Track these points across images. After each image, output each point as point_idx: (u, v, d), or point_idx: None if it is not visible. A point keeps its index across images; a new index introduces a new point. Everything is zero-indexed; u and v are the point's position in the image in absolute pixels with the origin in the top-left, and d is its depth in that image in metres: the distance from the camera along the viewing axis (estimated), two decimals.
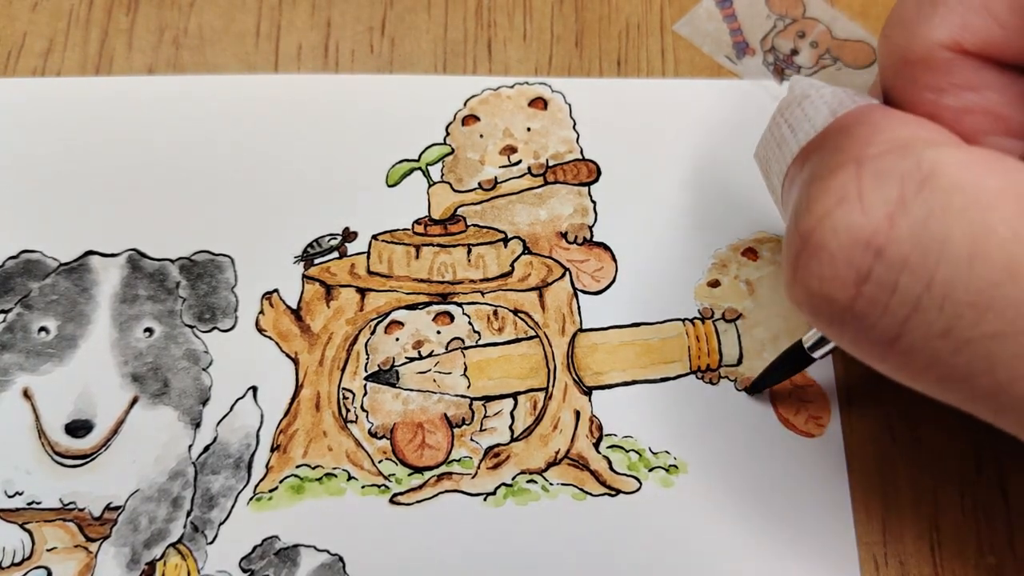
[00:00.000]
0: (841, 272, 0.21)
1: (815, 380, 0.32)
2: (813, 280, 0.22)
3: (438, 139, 0.35)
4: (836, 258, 0.21)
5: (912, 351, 0.21)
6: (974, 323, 0.20)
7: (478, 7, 0.37)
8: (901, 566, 0.29)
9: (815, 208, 0.21)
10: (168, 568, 0.29)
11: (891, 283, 0.20)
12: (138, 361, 0.31)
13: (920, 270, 0.20)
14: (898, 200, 0.20)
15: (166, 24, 0.37)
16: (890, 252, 0.20)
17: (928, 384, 0.22)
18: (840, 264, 0.21)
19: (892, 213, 0.20)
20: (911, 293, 0.20)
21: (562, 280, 0.33)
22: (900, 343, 0.21)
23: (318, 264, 0.33)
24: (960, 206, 0.20)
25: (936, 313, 0.20)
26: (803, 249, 0.22)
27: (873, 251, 0.20)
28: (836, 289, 0.21)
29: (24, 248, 0.33)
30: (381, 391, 0.31)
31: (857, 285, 0.21)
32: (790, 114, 0.26)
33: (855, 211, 0.21)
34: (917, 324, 0.20)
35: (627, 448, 0.31)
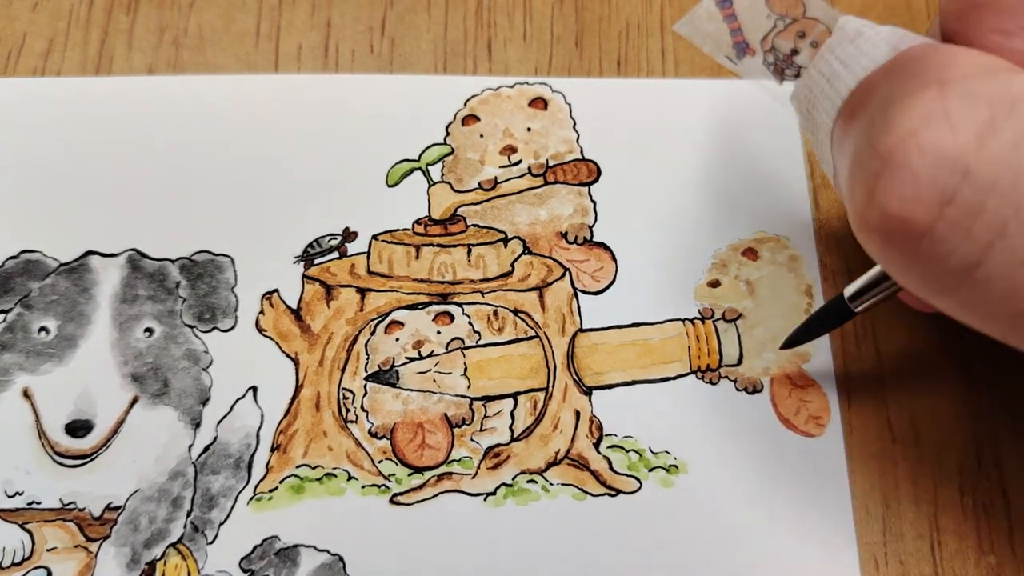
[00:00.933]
0: (925, 192, 0.20)
1: (815, 380, 0.32)
2: (893, 201, 0.21)
3: (438, 139, 0.35)
4: (920, 177, 0.20)
5: (990, 281, 0.20)
6: None
7: (478, 7, 0.37)
8: (901, 566, 0.29)
9: (897, 127, 0.21)
10: (168, 568, 0.29)
11: (977, 205, 0.20)
12: (138, 361, 0.31)
13: (1009, 192, 0.19)
14: (988, 121, 0.20)
15: (166, 24, 0.37)
16: (979, 173, 0.20)
17: (998, 319, 0.21)
18: (924, 183, 0.20)
19: (982, 134, 0.20)
20: (998, 217, 0.19)
21: (562, 280, 0.33)
22: (979, 271, 0.20)
23: (318, 264, 0.33)
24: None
25: (1021, 239, 0.19)
26: (884, 169, 0.21)
27: (961, 170, 0.20)
28: (918, 210, 0.20)
29: (24, 248, 0.33)
30: (381, 391, 0.31)
31: (941, 206, 0.20)
32: (842, 51, 0.25)
33: (943, 129, 0.20)
34: (1000, 250, 0.20)
35: (627, 448, 0.31)
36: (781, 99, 0.36)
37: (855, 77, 0.25)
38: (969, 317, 0.22)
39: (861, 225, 0.22)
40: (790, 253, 0.34)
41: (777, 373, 0.32)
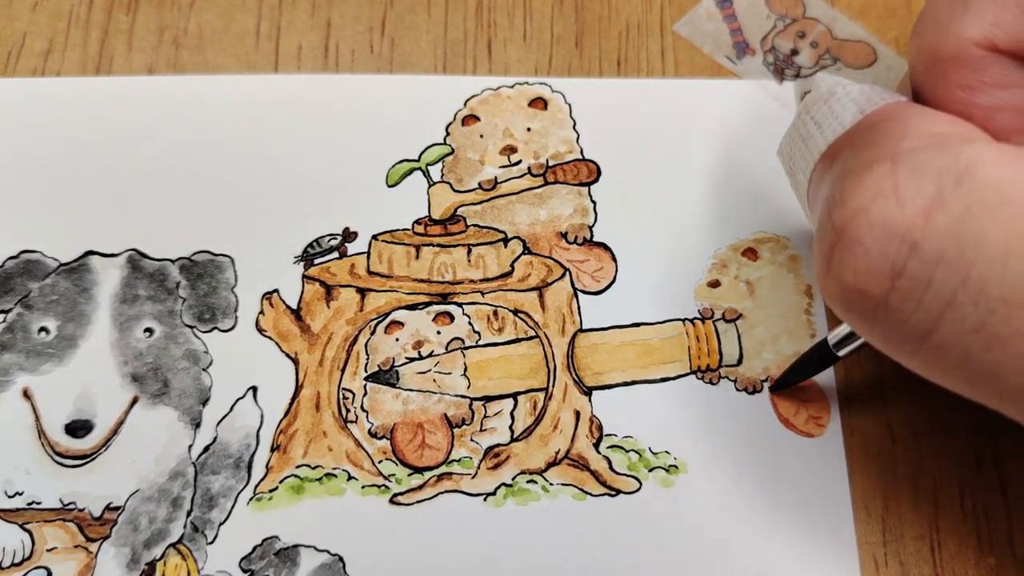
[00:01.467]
0: (876, 265, 0.21)
1: (815, 380, 0.32)
2: (848, 273, 0.22)
3: (438, 139, 0.35)
4: (871, 251, 0.21)
5: (944, 347, 0.21)
6: (1007, 319, 0.20)
7: (478, 7, 0.37)
8: (901, 566, 0.29)
9: (850, 202, 0.21)
10: (168, 568, 0.29)
11: (926, 277, 0.20)
12: (138, 361, 0.31)
13: (956, 265, 0.20)
14: (935, 195, 0.20)
15: (166, 24, 0.37)
16: (926, 247, 0.20)
17: (957, 381, 0.22)
18: (875, 257, 0.21)
19: (928, 208, 0.20)
20: (946, 288, 0.20)
21: (562, 280, 0.33)
22: (932, 338, 0.21)
23: (318, 264, 0.33)
24: (997, 203, 0.20)
25: (970, 309, 0.20)
26: (838, 242, 0.22)
27: (909, 245, 0.20)
28: (870, 283, 0.21)
29: (24, 248, 0.33)
30: (381, 391, 0.31)
31: (892, 279, 0.21)
32: (816, 111, 0.26)
33: (891, 205, 0.21)
34: (950, 319, 0.21)
35: (627, 448, 0.31)
36: (781, 99, 0.36)
37: (826, 140, 0.25)
38: (932, 377, 0.23)
39: (824, 293, 0.23)
40: (790, 253, 0.34)
41: (777, 373, 0.32)
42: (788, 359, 0.32)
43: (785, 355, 0.32)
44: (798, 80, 0.36)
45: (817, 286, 0.33)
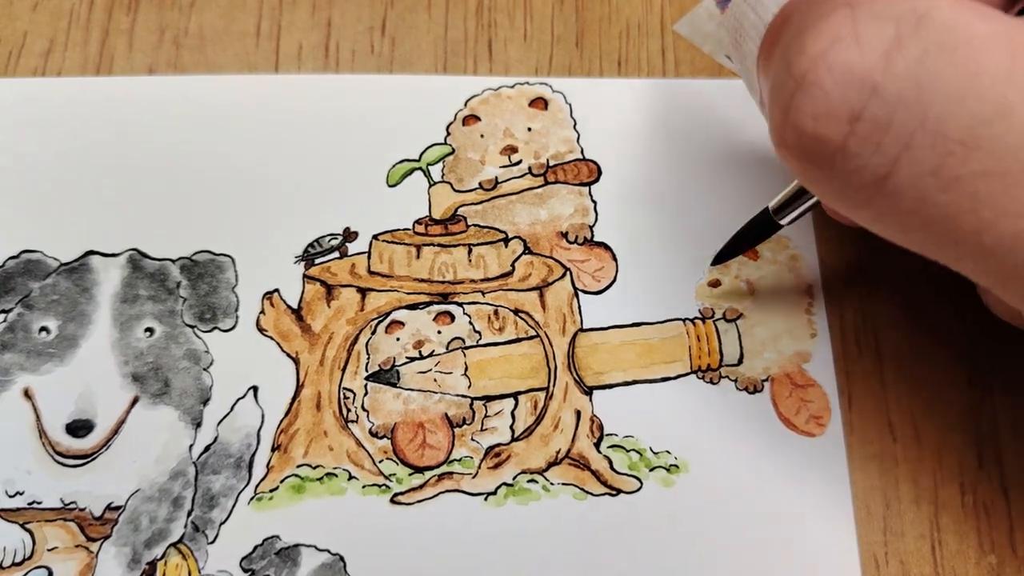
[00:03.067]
0: (836, 108, 0.21)
1: (815, 380, 0.32)
2: (807, 119, 0.22)
3: (439, 139, 0.35)
4: (831, 95, 0.21)
5: (900, 191, 0.21)
6: (963, 160, 0.20)
7: (478, 7, 0.37)
8: (901, 565, 0.29)
9: (809, 49, 0.22)
10: (169, 568, 0.29)
11: (885, 119, 0.21)
12: (139, 361, 0.31)
13: (914, 107, 0.20)
14: (894, 39, 0.21)
15: (166, 24, 0.37)
16: (886, 89, 0.21)
17: (910, 230, 0.22)
18: (835, 101, 0.21)
19: (888, 51, 0.21)
20: (905, 129, 0.21)
21: (563, 280, 0.33)
22: (889, 183, 0.21)
23: (319, 264, 0.33)
24: (954, 45, 0.20)
25: (927, 151, 0.21)
26: (796, 89, 0.22)
27: (869, 88, 0.21)
28: (830, 126, 0.21)
29: (24, 248, 0.33)
30: (382, 391, 0.31)
31: (851, 122, 0.21)
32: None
33: (851, 49, 0.21)
34: (908, 161, 0.21)
35: (628, 448, 0.31)
36: None
37: (777, 3, 0.25)
38: (884, 229, 0.23)
39: (780, 144, 0.23)
40: (790, 253, 0.34)
41: (777, 373, 0.32)
42: (789, 358, 0.32)
43: (786, 354, 0.32)
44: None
45: (818, 286, 0.33)
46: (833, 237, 0.34)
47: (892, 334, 0.32)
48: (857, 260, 0.33)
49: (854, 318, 0.33)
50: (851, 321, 0.33)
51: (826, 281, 0.33)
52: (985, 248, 0.21)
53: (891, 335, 0.32)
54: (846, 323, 0.33)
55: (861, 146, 0.21)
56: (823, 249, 0.34)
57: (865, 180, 0.22)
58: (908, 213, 0.22)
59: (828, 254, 0.34)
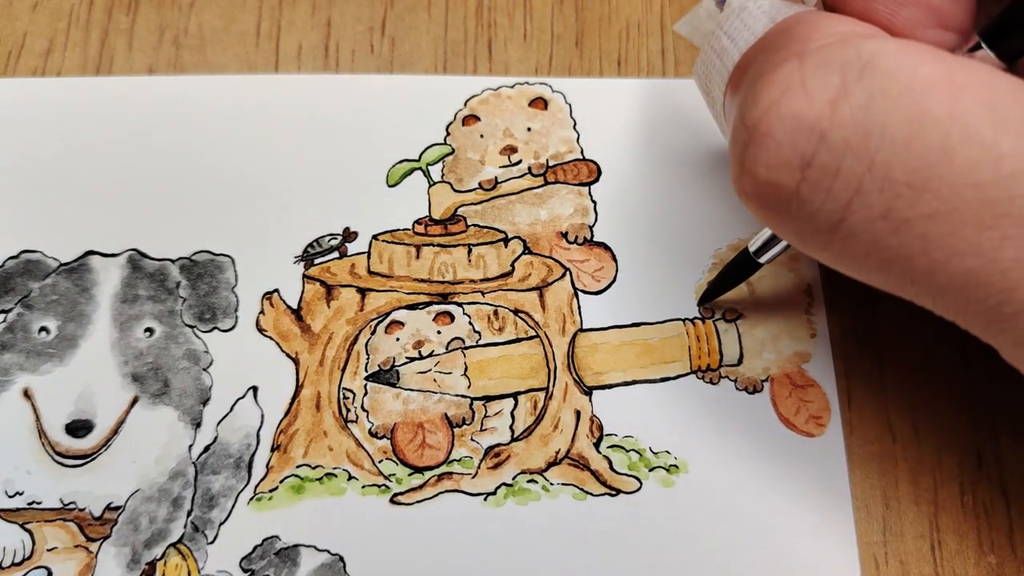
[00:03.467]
0: (787, 157, 0.22)
1: (815, 380, 0.32)
2: (760, 168, 0.22)
3: (438, 139, 0.35)
4: (782, 144, 0.22)
5: (854, 235, 0.22)
6: (912, 203, 0.21)
7: (478, 7, 0.37)
8: (901, 566, 0.29)
9: (761, 100, 0.22)
10: (168, 568, 0.29)
11: (834, 166, 0.21)
12: (138, 361, 0.31)
13: (861, 152, 0.21)
14: (840, 87, 0.21)
15: (166, 24, 0.37)
16: (833, 136, 0.21)
17: (870, 270, 0.23)
18: (786, 150, 0.22)
19: (834, 99, 0.21)
20: (853, 175, 0.21)
21: (562, 280, 0.33)
22: (843, 227, 0.22)
23: (318, 264, 0.33)
24: (898, 91, 0.21)
25: (876, 195, 0.21)
26: (750, 140, 0.23)
27: (817, 135, 0.21)
28: (782, 174, 0.22)
29: (24, 248, 0.33)
30: (381, 391, 0.31)
31: (802, 169, 0.22)
32: (729, 26, 0.27)
33: (799, 99, 0.22)
34: (859, 206, 0.22)
35: (627, 448, 0.31)
36: None
37: (739, 51, 0.26)
38: (846, 269, 0.24)
39: (739, 192, 0.24)
40: (790, 253, 0.34)
41: (777, 373, 0.32)
42: (789, 359, 0.32)
43: (786, 355, 0.32)
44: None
45: (818, 287, 0.33)
46: None
47: (892, 334, 0.32)
48: None
49: (854, 318, 0.33)
50: (851, 321, 0.33)
51: (826, 281, 0.33)
52: (940, 287, 0.22)
53: (891, 335, 0.32)
54: (846, 323, 0.33)
55: (813, 192, 0.22)
56: None
57: (820, 224, 0.22)
58: (864, 256, 0.22)
59: None
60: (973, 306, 0.22)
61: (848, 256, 0.23)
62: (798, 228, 0.23)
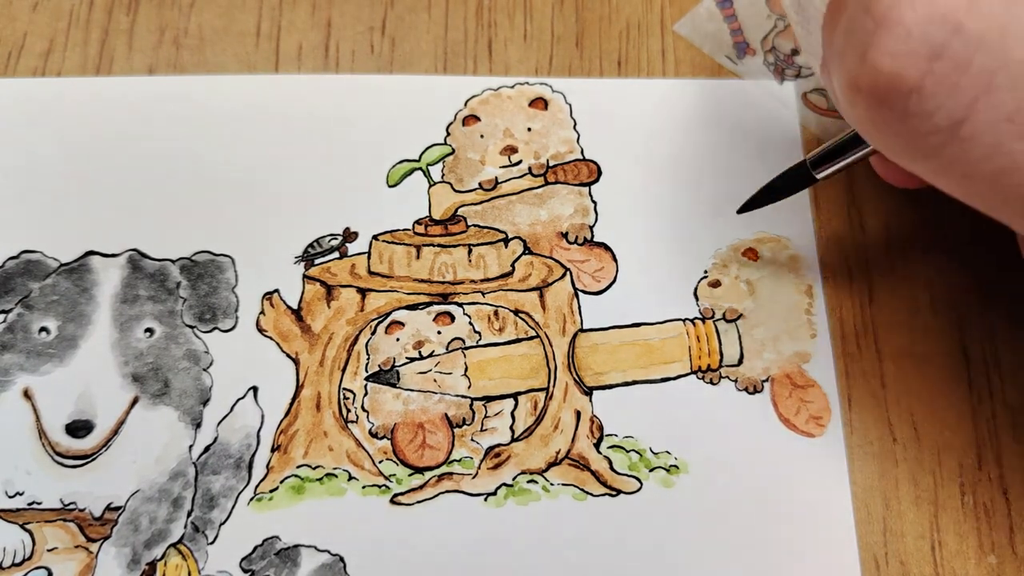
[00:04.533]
0: (916, 46, 0.21)
1: (815, 380, 0.32)
2: (885, 58, 0.21)
3: (438, 139, 0.35)
4: (912, 32, 0.21)
5: (974, 137, 0.21)
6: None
7: (478, 7, 0.37)
8: (901, 566, 0.30)
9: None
10: (169, 568, 0.29)
11: (966, 59, 0.20)
12: (139, 361, 0.31)
13: (997, 48, 0.20)
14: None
15: (166, 24, 0.37)
16: (968, 28, 0.20)
17: (978, 180, 0.22)
18: (916, 38, 0.21)
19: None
20: (985, 71, 0.20)
21: (562, 280, 0.33)
22: (964, 127, 0.21)
23: (319, 264, 0.33)
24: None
25: (1007, 94, 0.20)
26: (877, 28, 0.21)
27: (952, 25, 0.20)
28: (908, 65, 0.21)
29: (24, 248, 0.33)
30: (382, 391, 0.31)
31: (930, 60, 0.21)
32: None
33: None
34: (986, 106, 0.20)
35: (628, 448, 0.31)
36: (781, 99, 0.36)
37: None
38: (949, 181, 0.23)
39: (852, 90, 0.22)
40: (790, 253, 0.34)
41: (777, 373, 0.32)
42: (789, 359, 0.32)
43: (786, 355, 0.32)
44: (798, 80, 0.36)
45: (818, 287, 0.33)
46: (833, 237, 0.34)
47: (892, 334, 0.32)
48: (857, 261, 0.33)
49: (854, 319, 0.33)
50: (851, 321, 0.33)
51: (826, 281, 0.33)
52: None
53: (891, 335, 0.32)
54: (846, 324, 0.33)
55: (938, 87, 0.21)
56: (823, 250, 0.34)
57: (939, 124, 0.21)
58: (979, 161, 0.21)
59: (828, 255, 0.34)
60: None
61: (958, 163, 0.22)
62: (912, 128, 0.22)
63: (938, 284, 0.33)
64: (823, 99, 0.36)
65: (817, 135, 0.35)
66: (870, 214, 0.34)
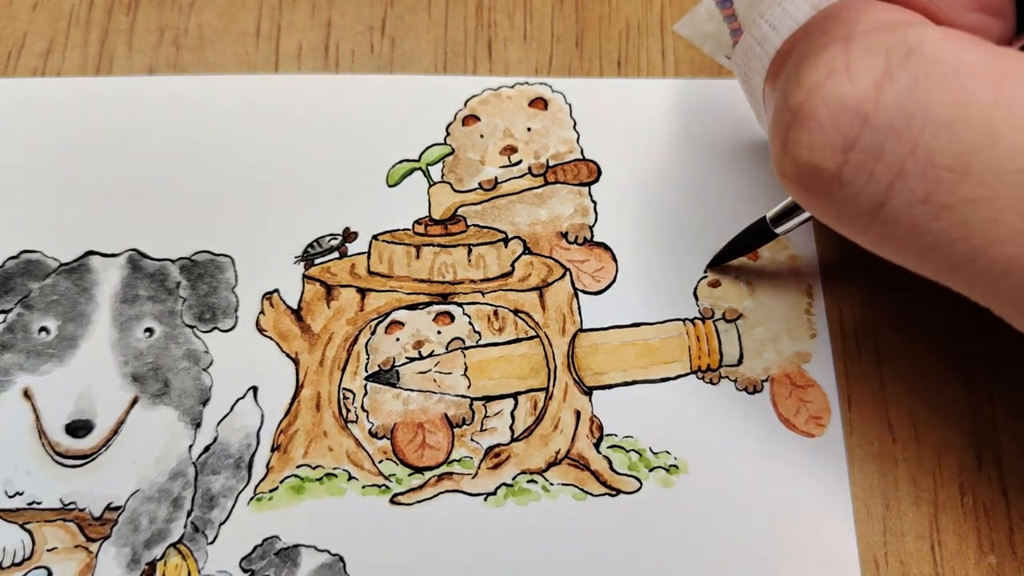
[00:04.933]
0: (830, 140, 0.22)
1: (815, 380, 0.32)
2: (803, 151, 0.22)
3: (438, 139, 0.35)
4: (825, 126, 0.22)
5: (894, 219, 0.22)
6: (953, 187, 0.21)
7: (478, 7, 0.37)
8: (901, 566, 0.29)
9: (805, 82, 0.22)
10: (168, 568, 0.29)
11: (877, 148, 0.21)
12: (138, 361, 0.31)
13: (905, 135, 0.21)
14: (885, 70, 0.21)
15: (166, 24, 0.37)
16: (877, 119, 0.21)
17: (908, 254, 0.23)
18: (829, 132, 0.22)
19: (879, 82, 0.21)
20: (896, 158, 0.21)
21: (562, 280, 0.33)
22: (883, 211, 0.22)
23: (318, 264, 0.33)
24: (943, 75, 0.21)
25: (918, 179, 0.21)
26: (793, 122, 0.23)
27: (861, 118, 0.21)
28: (825, 157, 0.22)
29: (24, 248, 0.33)
30: (381, 391, 0.31)
31: (845, 152, 0.22)
32: (771, 15, 0.27)
33: (843, 81, 0.22)
34: (900, 190, 0.22)
35: (627, 448, 0.31)
36: None
37: (781, 37, 0.26)
38: (884, 253, 0.24)
39: (780, 174, 0.24)
40: (790, 253, 0.34)
41: (777, 373, 0.32)
42: (789, 359, 0.32)
43: (786, 355, 0.32)
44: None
45: (818, 287, 0.33)
46: (833, 237, 0.34)
47: (892, 334, 0.32)
48: (857, 261, 0.33)
49: (854, 318, 0.33)
50: (851, 321, 0.33)
51: (826, 281, 0.33)
52: (979, 273, 0.22)
53: (891, 335, 0.32)
54: (846, 323, 0.33)
55: (855, 175, 0.22)
56: (823, 249, 0.34)
57: (862, 208, 0.22)
58: (903, 240, 0.22)
59: (828, 254, 0.34)
60: (1012, 293, 0.22)
61: (888, 240, 0.23)
62: (839, 211, 0.23)
63: (938, 284, 0.33)
64: None
65: None
66: None
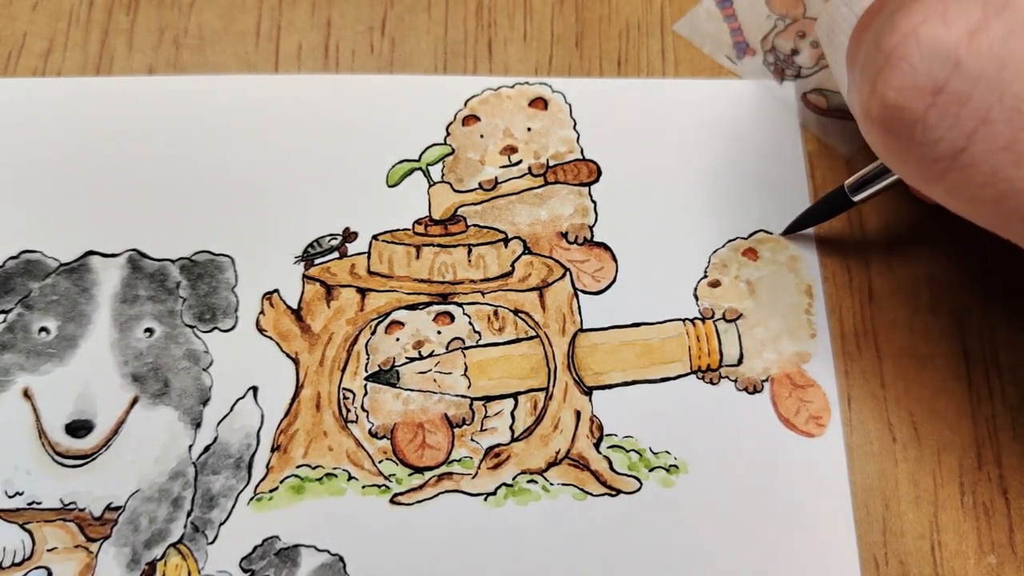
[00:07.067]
0: (920, 81, 0.22)
1: (815, 380, 0.32)
2: (891, 91, 0.23)
3: (438, 139, 0.35)
4: (917, 69, 0.22)
5: (974, 164, 0.22)
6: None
7: (478, 7, 0.37)
8: (901, 566, 0.30)
9: (900, 26, 0.23)
10: (168, 568, 0.29)
11: (965, 94, 0.22)
12: (138, 361, 0.31)
13: (995, 83, 0.22)
14: (980, 19, 0.22)
15: (166, 24, 0.37)
16: (968, 64, 0.22)
17: (982, 202, 0.23)
18: (920, 74, 0.22)
19: (974, 30, 0.22)
20: (983, 104, 0.22)
21: (562, 280, 0.33)
22: (964, 155, 0.23)
23: (318, 264, 0.33)
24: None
25: (1003, 125, 0.22)
26: (885, 64, 0.23)
27: (953, 62, 0.22)
28: (913, 98, 0.23)
29: (24, 248, 0.33)
30: (381, 391, 0.31)
31: (933, 94, 0.22)
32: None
33: (939, 26, 0.22)
34: (984, 136, 0.22)
35: (627, 448, 0.31)
36: (781, 99, 0.36)
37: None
38: (957, 203, 0.24)
39: (865, 117, 0.24)
40: (790, 253, 0.34)
41: (777, 373, 0.32)
42: (789, 359, 0.32)
43: (786, 355, 0.32)
44: (798, 80, 0.36)
45: (818, 287, 0.33)
46: (833, 238, 0.34)
47: (892, 334, 0.32)
48: (857, 261, 0.33)
49: (853, 318, 0.33)
50: (851, 321, 0.33)
51: (826, 281, 0.33)
52: None
53: (891, 335, 0.32)
54: (845, 323, 0.33)
55: (940, 118, 0.22)
56: (823, 249, 0.34)
57: (941, 152, 0.23)
58: (980, 187, 0.23)
59: (828, 254, 0.34)
60: None
61: (963, 187, 0.23)
62: (919, 155, 0.23)
63: (938, 284, 0.33)
64: (823, 99, 0.36)
65: (817, 135, 0.35)
66: (870, 214, 0.34)
